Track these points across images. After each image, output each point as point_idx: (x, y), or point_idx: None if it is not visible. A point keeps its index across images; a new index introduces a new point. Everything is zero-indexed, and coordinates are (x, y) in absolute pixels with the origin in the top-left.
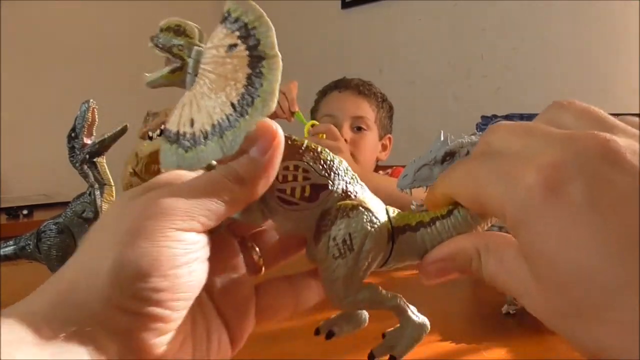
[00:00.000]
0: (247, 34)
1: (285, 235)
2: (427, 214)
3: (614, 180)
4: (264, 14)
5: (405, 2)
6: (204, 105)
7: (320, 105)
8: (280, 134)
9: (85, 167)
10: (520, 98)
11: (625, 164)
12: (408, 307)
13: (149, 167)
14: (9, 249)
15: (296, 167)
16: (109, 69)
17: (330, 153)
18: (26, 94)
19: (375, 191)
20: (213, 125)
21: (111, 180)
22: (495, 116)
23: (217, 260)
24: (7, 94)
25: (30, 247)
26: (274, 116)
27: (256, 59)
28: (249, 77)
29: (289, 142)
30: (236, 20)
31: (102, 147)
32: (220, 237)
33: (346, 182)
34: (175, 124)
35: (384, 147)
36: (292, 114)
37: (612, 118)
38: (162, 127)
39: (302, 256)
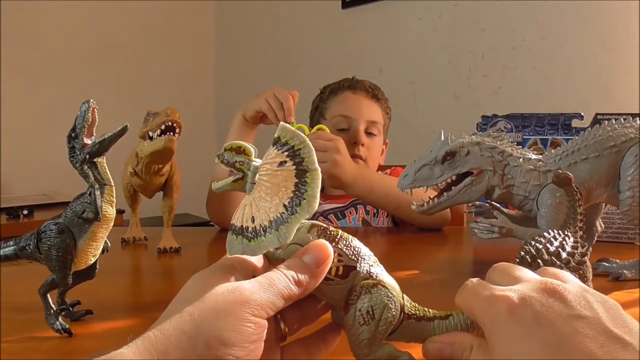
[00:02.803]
0: (294, 154)
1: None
2: (431, 312)
3: (554, 307)
4: (306, 138)
5: (405, 2)
6: (262, 206)
7: (331, 103)
8: (331, 252)
9: (86, 167)
10: (520, 98)
11: (565, 300)
12: None
13: (149, 167)
14: (9, 249)
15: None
16: (109, 69)
17: (358, 241)
18: (26, 94)
19: (372, 189)
20: (270, 222)
21: (111, 181)
22: (495, 116)
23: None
24: (7, 94)
25: (31, 247)
26: (268, 122)
27: (301, 172)
28: (296, 185)
29: (327, 232)
30: (285, 144)
31: (102, 147)
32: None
33: (369, 265)
34: (239, 220)
35: (381, 152)
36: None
37: (570, 279)
38: (163, 126)
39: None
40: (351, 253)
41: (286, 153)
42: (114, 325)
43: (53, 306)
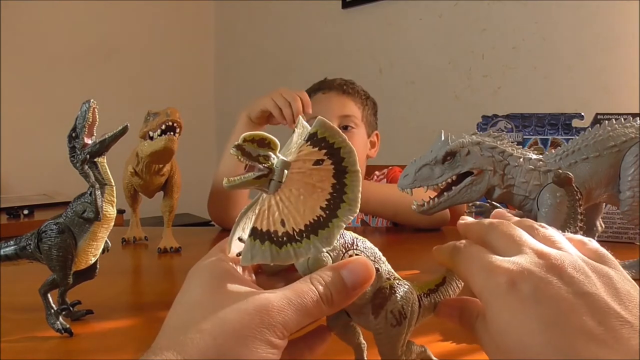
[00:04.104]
0: (333, 152)
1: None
2: (431, 282)
3: (553, 283)
4: (346, 137)
5: (406, 2)
6: (293, 208)
7: None
8: (374, 274)
9: (86, 167)
10: (520, 98)
11: (564, 275)
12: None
13: (150, 167)
14: (9, 249)
15: (357, 255)
16: (109, 69)
17: (369, 242)
18: (26, 94)
19: (368, 201)
20: (306, 225)
21: (112, 180)
22: (495, 116)
23: None
24: (7, 94)
25: (31, 247)
26: (274, 122)
27: (340, 172)
28: (334, 186)
29: (342, 236)
30: (322, 140)
31: (102, 147)
32: None
33: (385, 263)
34: (263, 223)
35: (372, 144)
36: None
37: (564, 242)
38: (163, 126)
39: None
40: (370, 254)
41: (324, 151)
42: (114, 325)
43: (53, 306)
